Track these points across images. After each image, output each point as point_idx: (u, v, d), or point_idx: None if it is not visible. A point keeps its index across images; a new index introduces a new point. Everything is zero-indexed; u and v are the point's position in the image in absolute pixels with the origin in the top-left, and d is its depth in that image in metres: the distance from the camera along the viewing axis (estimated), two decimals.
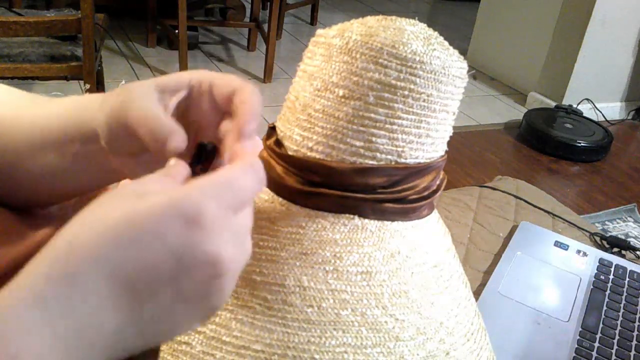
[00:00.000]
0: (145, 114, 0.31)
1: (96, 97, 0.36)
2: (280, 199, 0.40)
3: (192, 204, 0.25)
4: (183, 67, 2.46)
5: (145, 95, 0.32)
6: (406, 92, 0.38)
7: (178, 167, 0.30)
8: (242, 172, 0.28)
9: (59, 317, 0.23)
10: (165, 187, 0.27)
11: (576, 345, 0.63)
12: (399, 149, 0.39)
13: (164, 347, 0.37)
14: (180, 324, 0.26)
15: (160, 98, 0.33)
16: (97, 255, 0.24)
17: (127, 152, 0.34)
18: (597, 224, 1.76)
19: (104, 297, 0.24)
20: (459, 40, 3.37)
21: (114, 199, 0.26)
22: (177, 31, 2.41)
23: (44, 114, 0.37)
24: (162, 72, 2.55)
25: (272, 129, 0.43)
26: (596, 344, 0.64)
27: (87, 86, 1.52)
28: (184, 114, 0.35)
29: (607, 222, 1.81)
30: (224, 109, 0.34)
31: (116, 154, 0.35)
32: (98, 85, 1.68)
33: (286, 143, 0.41)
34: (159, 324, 0.26)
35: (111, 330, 0.24)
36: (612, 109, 2.71)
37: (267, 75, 2.60)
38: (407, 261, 0.40)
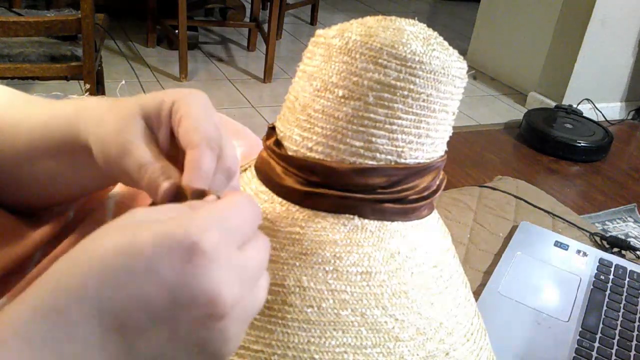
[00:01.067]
0: (139, 166, 0.31)
1: (93, 112, 0.34)
2: (280, 199, 0.40)
3: (190, 234, 0.23)
4: (183, 67, 2.46)
5: (135, 139, 0.31)
6: (406, 92, 0.38)
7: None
8: (242, 203, 0.26)
9: (44, 353, 0.22)
10: (166, 216, 0.25)
11: (576, 345, 0.63)
12: (399, 149, 0.39)
13: None
14: None
15: (147, 127, 0.32)
16: (83, 291, 0.22)
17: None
18: (597, 224, 1.76)
19: (92, 335, 0.22)
20: (459, 40, 3.37)
21: (110, 230, 0.24)
22: (177, 31, 2.41)
23: (43, 120, 0.37)
24: (162, 72, 2.55)
25: (272, 129, 0.43)
26: (596, 344, 0.64)
27: (87, 86, 1.52)
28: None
29: (607, 222, 1.81)
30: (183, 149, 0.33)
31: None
32: (98, 85, 1.68)
33: (286, 143, 0.41)
34: None
35: None
36: (612, 109, 2.71)
37: (267, 75, 2.60)
38: (407, 261, 0.40)
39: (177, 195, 0.30)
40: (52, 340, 0.22)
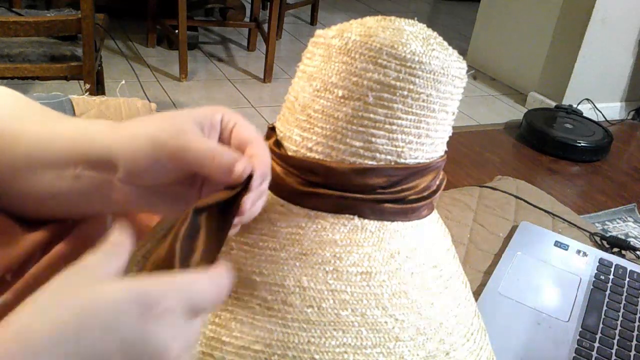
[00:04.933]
0: (209, 147, 0.33)
1: (106, 125, 0.36)
2: (280, 200, 0.40)
3: (151, 296, 0.25)
4: (183, 67, 2.46)
5: (195, 130, 0.33)
6: (405, 93, 0.38)
7: (121, 244, 0.29)
8: (209, 282, 0.28)
9: None
10: (116, 274, 0.27)
11: (576, 345, 0.63)
12: (399, 149, 0.39)
13: None
14: None
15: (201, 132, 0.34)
16: (47, 345, 0.24)
17: (147, 183, 0.34)
18: (597, 224, 1.76)
19: None
20: (459, 40, 3.37)
21: (68, 282, 0.26)
22: (177, 31, 2.41)
23: (47, 130, 0.36)
24: (162, 72, 2.55)
25: (272, 129, 0.43)
26: (596, 344, 0.64)
27: (87, 86, 1.52)
28: None
29: (607, 222, 1.81)
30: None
31: (130, 184, 0.34)
32: (98, 85, 1.68)
33: (286, 143, 0.41)
34: None
35: None
36: (612, 109, 2.71)
37: (267, 75, 2.60)
38: (406, 261, 0.40)
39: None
40: None
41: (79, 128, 0.36)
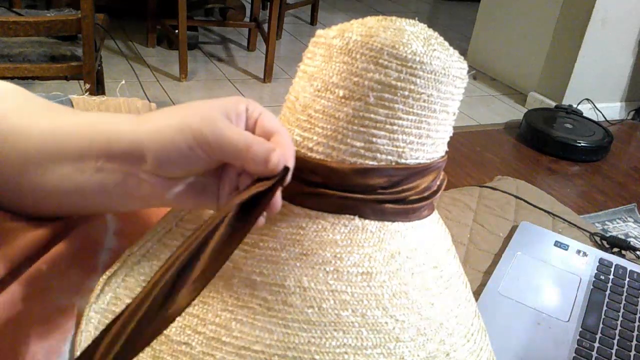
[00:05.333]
0: (244, 137, 0.32)
1: (130, 117, 0.35)
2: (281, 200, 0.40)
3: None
4: (183, 67, 2.46)
5: (225, 120, 0.33)
6: (406, 93, 0.38)
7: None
8: None
9: None
10: None
11: (576, 345, 0.63)
12: (400, 150, 0.39)
13: (163, 348, 0.37)
14: None
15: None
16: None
17: (175, 174, 0.34)
18: (597, 224, 1.76)
19: None
20: (459, 40, 3.37)
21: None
22: (177, 31, 2.41)
23: (63, 123, 0.35)
24: (162, 72, 2.55)
25: None
26: (596, 344, 0.64)
27: (87, 86, 1.52)
28: None
29: (607, 222, 1.81)
30: None
31: (157, 175, 0.34)
32: (98, 85, 1.68)
33: None
34: None
35: None
36: (612, 109, 2.71)
37: (267, 75, 2.60)
38: (407, 262, 0.39)
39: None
40: None
41: (99, 121, 0.35)
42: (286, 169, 0.32)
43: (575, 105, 2.50)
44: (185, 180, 0.35)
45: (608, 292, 0.73)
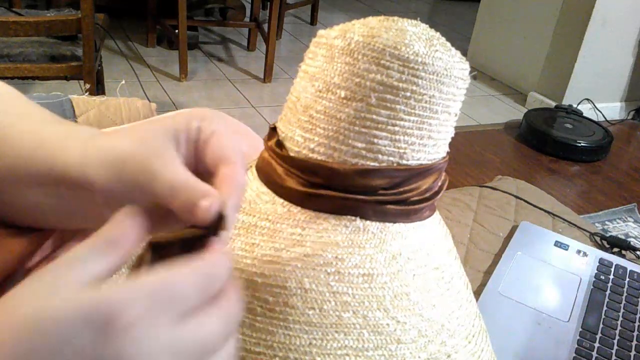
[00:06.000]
0: (175, 179, 0.28)
1: (81, 140, 0.31)
2: (282, 200, 0.40)
3: (111, 307, 0.21)
4: (183, 67, 2.46)
5: (167, 150, 0.29)
6: (408, 94, 0.38)
7: (114, 241, 0.25)
8: (192, 273, 0.24)
9: None
10: (94, 279, 0.23)
11: (576, 345, 0.63)
12: (401, 151, 0.39)
13: None
14: None
15: (174, 148, 0.30)
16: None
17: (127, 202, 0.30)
18: (597, 224, 1.76)
19: None
20: (460, 40, 3.37)
21: (24, 293, 0.22)
22: (177, 31, 2.41)
23: (30, 145, 0.32)
24: (162, 72, 2.55)
25: (273, 130, 0.43)
26: (596, 344, 0.64)
27: (87, 86, 1.52)
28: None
29: (607, 222, 1.82)
30: (210, 168, 0.30)
31: (111, 205, 0.30)
32: (98, 85, 1.68)
33: (287, 144, 0.41)
34: None
35: None
36: (612, 109, 2.72)
37: (267, 75, 2.60)
38: (408, 263, 0.39)
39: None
40: None
41: (57, 146, 0.32)
42: (221, 217, 0.27)
43: (575, 105, 2.51)
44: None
45: (608, 292, 0.73)
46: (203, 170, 0.31)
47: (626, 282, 0.75)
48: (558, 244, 0.82)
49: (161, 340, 0.22)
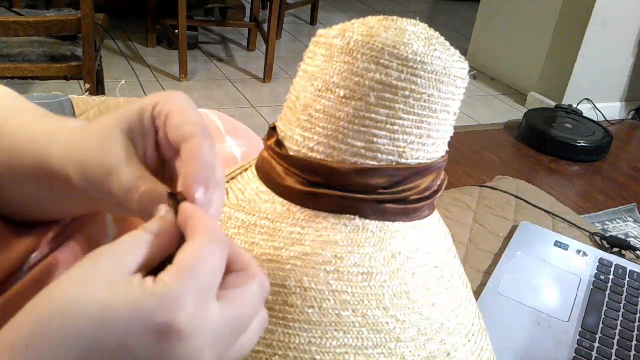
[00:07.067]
0: (127, 181, 0.28)
1: (66, 140, 0.32)
2: (281, 200, 0.40)
3: (165, 313, 0.22)
4: (183, 67, 2.46)
5: (122, 148, 0.29)
6: (407, 93, 0.38)
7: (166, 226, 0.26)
8: (207, 247, 0.24)
9: None
10: (131, 278, 0.24)
11: (576, 345, 0.63)
12: (400, 150, 0.39)
13: None
14: None
15: (130, 142, 0.30)
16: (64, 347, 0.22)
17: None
18: (597, 224, 1.76)
19: None
20: (459, 40, 3.37)
21: (77, 283, 0.23)
22: (177, 31, 2.41)
23: (25, 134, 0.34)
24: (162, 72, 2.55)
25: (273, 129, 0.43)
26: (596, 344, 0.64)
27: (87, 86, 1.52)
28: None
29: (607, 222, 1.82)
30: (176, 148, 0.30)
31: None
32: (98, 85, 1.68)
33: (287, 143, 0.41)
34: None
35: None
36: (612, 109, 2.72)
37: (267, 75, 2.60)
38: (408, 262, 0.39)
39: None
40: None
41: (45, 140, 0.33)
42: (170, 194, 0.27)
43: (575, 105, 2.51)
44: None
45: (608, 292, 0.73)
46: (171, 153, 0.31)
47: (626, 282, 0.75)
48: (558, 244, 0.82)
49: (209, 329, 0.23)
